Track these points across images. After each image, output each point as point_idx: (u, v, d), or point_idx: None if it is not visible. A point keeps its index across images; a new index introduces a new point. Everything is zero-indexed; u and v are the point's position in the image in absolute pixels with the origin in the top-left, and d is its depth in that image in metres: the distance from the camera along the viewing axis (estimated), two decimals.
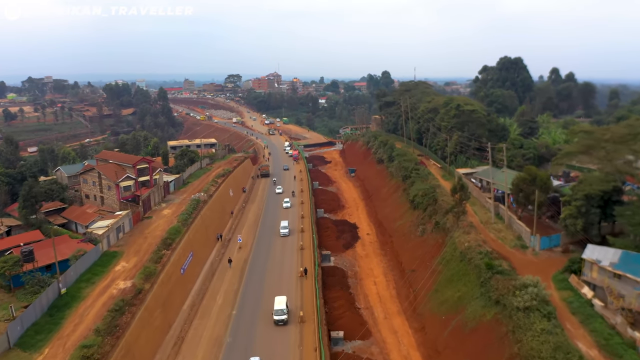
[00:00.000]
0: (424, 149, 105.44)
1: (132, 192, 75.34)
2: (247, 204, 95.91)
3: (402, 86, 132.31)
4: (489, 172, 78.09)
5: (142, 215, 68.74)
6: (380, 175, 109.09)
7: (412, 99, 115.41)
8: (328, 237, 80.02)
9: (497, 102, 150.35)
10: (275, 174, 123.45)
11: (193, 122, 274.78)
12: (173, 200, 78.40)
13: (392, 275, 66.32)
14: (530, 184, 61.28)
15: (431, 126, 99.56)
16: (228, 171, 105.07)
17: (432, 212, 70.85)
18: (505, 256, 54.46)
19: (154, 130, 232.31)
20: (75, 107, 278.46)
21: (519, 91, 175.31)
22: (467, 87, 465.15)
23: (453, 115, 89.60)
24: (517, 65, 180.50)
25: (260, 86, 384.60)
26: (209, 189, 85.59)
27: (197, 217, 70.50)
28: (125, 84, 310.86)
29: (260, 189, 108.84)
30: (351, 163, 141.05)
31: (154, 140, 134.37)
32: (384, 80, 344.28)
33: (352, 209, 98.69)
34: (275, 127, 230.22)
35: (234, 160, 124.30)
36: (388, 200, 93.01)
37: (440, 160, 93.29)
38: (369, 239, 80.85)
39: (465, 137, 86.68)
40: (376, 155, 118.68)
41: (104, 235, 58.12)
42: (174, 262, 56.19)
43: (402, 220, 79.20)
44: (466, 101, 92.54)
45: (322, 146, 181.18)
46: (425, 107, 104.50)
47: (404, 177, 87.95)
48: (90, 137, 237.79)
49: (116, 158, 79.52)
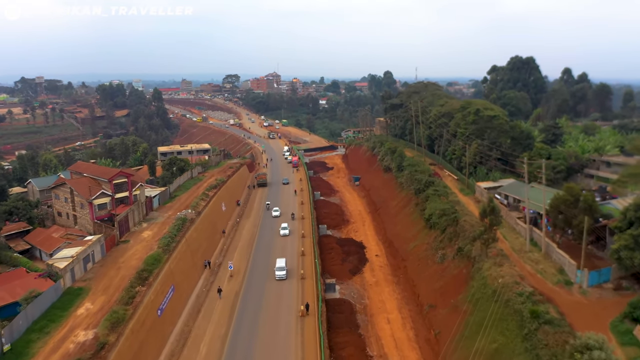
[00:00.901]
0: (436, 157, 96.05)
1: (109, 211, 65.98)
2: (242, 219, 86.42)
3: (410, 88, 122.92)
4: (515, 187, 68.77)
5: (117, 239, 59.37)
6: (388, 186, 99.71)
7: (422, 101, 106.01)
8: (332, 260, 70.65)
9: (510, 104, 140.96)
10: (274, 183, 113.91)
11: (189, 124, 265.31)
12: (156, 219, 68.97)
13: (408, 311, 56.90)
14: (572, 206, 52.08)
15: (445, 132, 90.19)
16: (221, 181, 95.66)
17: (452, 235, 61.49)
18: (549, 296, 45.07)
19: (147, 132, 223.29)
20: (67, 109, 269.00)
21: (531, 93, 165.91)
22: (471, 88, 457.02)
23: (472, 121, 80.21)
24: (529, 65, 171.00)
25: (259, 87, 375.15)
26: (197, 204, 76.15)
27: (182, 241, 61.09)
28: (119, 85, 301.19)
29: (257, 201, 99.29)
30: (355, 170, 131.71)
31: (143, 145, 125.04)
32: (386, 81, 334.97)
33: (357, 224, 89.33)
34: (274, 129, 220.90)
35: (228, 167, 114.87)
36: (398, 215, 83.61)
37: (456, 171, 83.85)
38: (379, 261, 71.46)
39: (485, 145, 77.31)
40: (383, 162, 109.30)
41: (67, 268, 48.73)
42: (149, 302, 46.77)
43: (416, 241, 69.82)
44: (485, 105, 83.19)
45: (323, 150, 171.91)
46: (438, 111, 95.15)
47: (417, 191, 78.57)
48: (82, 140, 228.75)
49: (91, 171, 70.07)
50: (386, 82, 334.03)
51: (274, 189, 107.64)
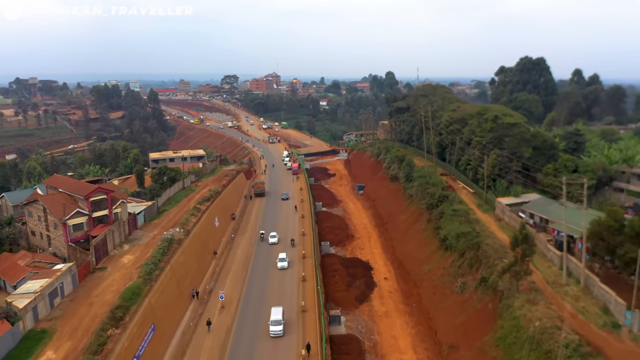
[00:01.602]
0: (448, 167, 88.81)
1: (85, 232, 58.77)
2: (237, 235, 79.17)
3: (418, 91, 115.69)
4: (542, 204, 61.61)
5: (92, 266, 52.19)
6: (395, 197, 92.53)
7: (432, 105, 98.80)
8: (336, 284, 63.44)
9: (522, 108, 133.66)
10: (272, 192, 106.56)
11: (186, 126, 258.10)
12: (139, 239, 61.77)
13: (425, 350, 49.65)
14: (616, 233, 44.98)
15: (458, 140, 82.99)
16: (215, 192, 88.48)
17: (473, 260, 54.30)
18: (597, 345, 37.96)
19: (142, 135, 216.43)
20: (61, 110, 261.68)
21: (542, 95, 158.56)
22: (474, 88, 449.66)
23: (489, 129, 72.98)
24: (540, 66, 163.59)
25: (258, 87, 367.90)
26: (187, 221, 68.91)
27: (166, 268, 53.92)
28: (115, 86, 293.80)
29: (254, 214, 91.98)
30: (358, 177, 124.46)
31: (134, 152, 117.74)
32: (388, 82, 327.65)
33: (363, 239, 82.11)
34: (273, 132, 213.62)
35: (224, 176, 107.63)
36: (408, 232, 76.41)
37: (472, 184, 76.59)
38: (388, 286, 64.23)
39: (505, 156, 70.09)
40: (389, 171, 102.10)
41: (28, 307, 41.57)
42: (122, 350, 39.62)
43: (430, 264, 62.61)
44: (503, 111, 75.92)
45: (325, 155, 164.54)
46: (450, 117, 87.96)
47: (429, 206, 71.37)
48: (75, 143, 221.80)
49: (67, 186, 62.76)
50: (388, 82, 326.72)
51: (272, 201, 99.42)
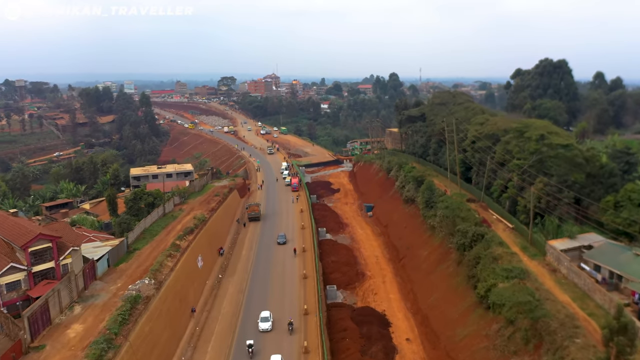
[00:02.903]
0: (475, 191, 75.43)
1: (24, 292, 45.53)
2: (224, 278, 65.75)
3: (434, 98, 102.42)
4: (611, 252, 48.29)
5: (25, 345, 38.93)
6: (412, 224, 79.29)
7: (453, 116, 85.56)
8: (347, 351, 50.16)
9: (548, 116, 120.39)
10: (268, 215, 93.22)
11: (180, 131, 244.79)
12: (97, 296, 48.50)
13: None
14: None
15: (489, 160, 69.68)
16: (201, 220, 75.20)
17: (530, 334, 40.95)
18: None
19: (132, 142, 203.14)
20: (48, 115, 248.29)
21: (563, 101, 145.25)
22: (479, 90, 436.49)
23: (533, 151, 59.67)
24: (561, 69, 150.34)
25: (256, 89, 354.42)
26: (162, 267, 55.59)
27: (124, 346, 40.54)
28: (106, 88, 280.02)
29: (246, 245, 78.52)
30: (366, 194, 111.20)
31: (113, 166, 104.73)
32: (392, 83, 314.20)
33: (376, 279, 68.88)
34: (272, 138, 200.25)
35: (213, 195, 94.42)
36: (432, 274, 63.16)
37: (509, 217, 63.08)
38: (412, 352, 50.95)
39: (553, 185, 56.82)
40: (403, 191, 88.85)
41: None
42: None
43: (467, 327, 49.27)
44: (549, 128, 62.50)
45: (327, 166, 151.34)
46: (478, 132, 74.63)
47: (460, 246, 58.05)
48: (61, 150, 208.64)
49: (4, 230, 49.46)
50: (392, 84, 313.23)
51: (268, 231, 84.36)
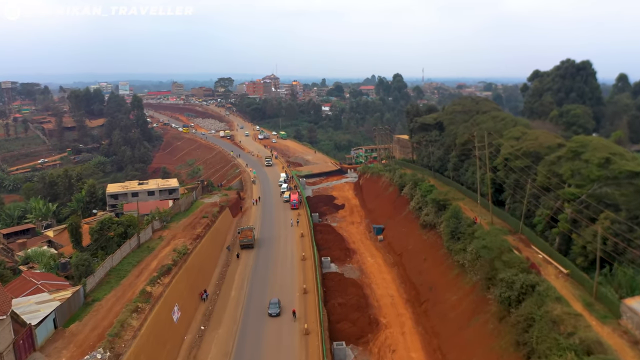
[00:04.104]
0: (511, 219, 62.87)
1: None
2: (207, 331, 53.25)
3: (454, 105, 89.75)
4: None
5: None
6: (434, 257, 66.83)
7: (479, 126, 73.23)
8: None
9: (577, 124, 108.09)
10: (264, 240, 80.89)
11: (174, 136, 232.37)
12: None
13: None
14: None
15: (529, 184, 57.25)
16: (183, 253, 62.89)
17: None
18: None
19: (122, 148, 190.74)
20: (35, 118, 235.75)
21: (587, 105, 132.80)
22: (484, 91, 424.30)
23: (595, 178, 47.25)
24: (585, 71, 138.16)
25: (255, 91, 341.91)
26: (123, 328, 43.19)
27: None
28: (97, 90, 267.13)
29: (237, 283, 65.90)
30: (374, 212, 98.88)
31: (88, 182, 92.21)
32: (396, 85, 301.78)
33: (393, 328, 56.50)
34: (271, 143, 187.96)
35: (201, 217, 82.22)
36: (464, 330, 50.64)
37: (562, 258, 50.46)
38: None
39: (623, 222, 44.45)
40: (421, 214, 76.37)
41: None
42: None
43: None
44: (611, 149, 49.95)
45: (330, 176, 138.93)
46: (515, 148, 62.18)
47: (505, 300, 45.58)
48: (46, 157, 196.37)
49: None
50: (396, 86, 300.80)
51: (262, 265, 72.59)
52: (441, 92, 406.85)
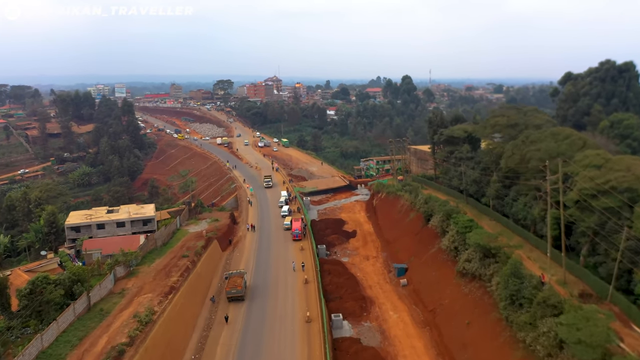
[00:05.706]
0: (591, 278, 46.04)
1: None
2: None
3: (494, 115, 72.75)
4: None
5: None
6: (483, 324, 50.05)
7: (534, 145, 56.52)
8: None
9: (631, 137, 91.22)
10: (257, 288, 64.29)
11: (168, 142, 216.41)
12: None
13: None
14: None
15: (625, 233, 40.54)
16: (146, 321, 46.51)
17: None
18: None
19: (109, 157, 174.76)
20: (19, 124, 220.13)
21: (631, 112, 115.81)
22: (494, 93, 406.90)
23: None
24: (629, 73, 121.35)
25: (256, 93, 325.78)
26: None
27: None
28: (87, 93, 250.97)
29: None
30: (393, 244, 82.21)
31: (48, 209, 75.89)
32: (405, 87, 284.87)
33: None
34: (271, 152, 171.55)
35: (181, 255, 66.02)
36: None
37: None
38: None
39: None
40: (458, 257, 59.82)
41: None
42: None
43: None
44: None
45: (337, 193, 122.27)
46: (595, 180, 45.41)
47: None
48: (27, 167, 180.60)
49: None
50: (405, 88, 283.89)
51: (255, 326, 56.09)
52: (450, 94, 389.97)
